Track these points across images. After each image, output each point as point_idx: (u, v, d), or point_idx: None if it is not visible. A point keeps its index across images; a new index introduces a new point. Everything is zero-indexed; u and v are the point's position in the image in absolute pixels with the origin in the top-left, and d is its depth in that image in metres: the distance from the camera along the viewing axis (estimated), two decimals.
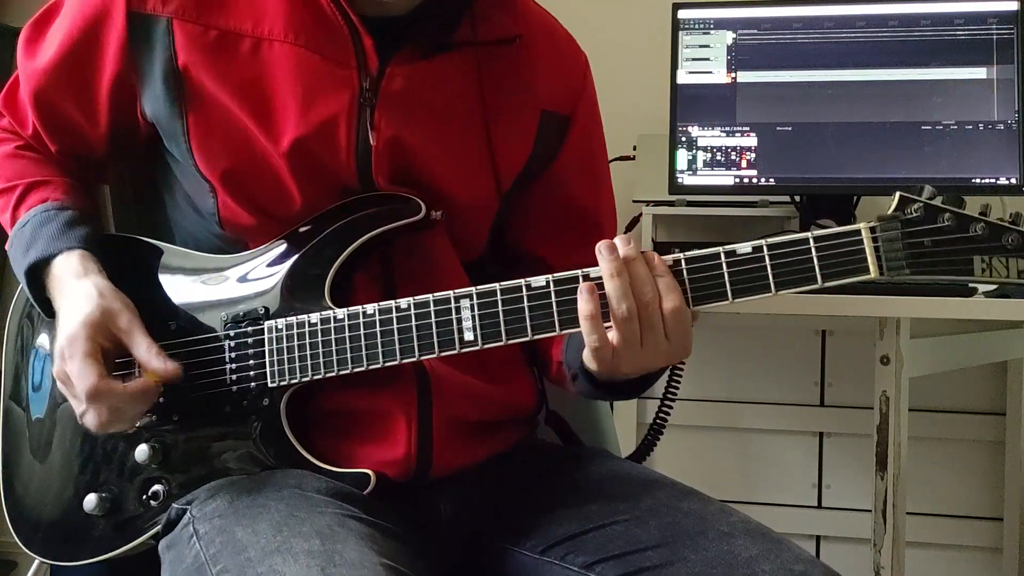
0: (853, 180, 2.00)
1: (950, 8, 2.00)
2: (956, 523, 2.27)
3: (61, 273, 1.11)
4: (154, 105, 1.13)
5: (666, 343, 0.99)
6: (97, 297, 1.08)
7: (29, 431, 1.21)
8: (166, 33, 1.11)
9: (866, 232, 0.95)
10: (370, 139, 1.11)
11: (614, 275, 0.98)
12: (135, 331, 1.08)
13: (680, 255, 1.00)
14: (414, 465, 1.10)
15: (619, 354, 1.00)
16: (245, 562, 0.94)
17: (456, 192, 1.16)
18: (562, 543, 1.09)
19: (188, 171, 1.14)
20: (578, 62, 1.28)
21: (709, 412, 2.32)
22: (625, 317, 0.98)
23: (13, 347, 1.25)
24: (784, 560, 1.00)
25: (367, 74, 1.11)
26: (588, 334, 1.00)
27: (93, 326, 1.06)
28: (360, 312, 1.07)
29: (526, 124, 1.21)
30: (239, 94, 1.10)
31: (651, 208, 2.23)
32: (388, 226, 1.11)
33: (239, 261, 1.15)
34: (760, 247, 0.98)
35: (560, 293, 1.02)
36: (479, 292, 1.04)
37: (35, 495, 1.19)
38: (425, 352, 1.05)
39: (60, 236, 1.13)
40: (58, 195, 1.17)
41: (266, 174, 1.11)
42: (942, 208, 0.94)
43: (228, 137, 1.11)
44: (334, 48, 1.11)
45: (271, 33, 1.11)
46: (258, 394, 1.10)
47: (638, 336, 0.99)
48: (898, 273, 0.95)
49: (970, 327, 2.00)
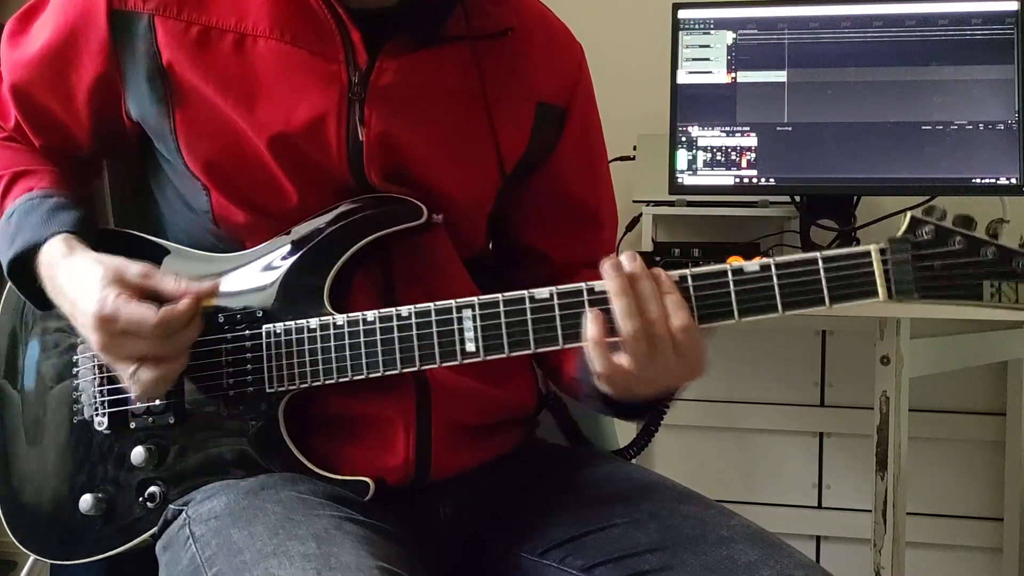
0: (853, 180, 2.00)
1: (951, 8, 2.00)
2: (956, 523, 2.27)
3: (50, 259, 1.09)
4: (140, 105, 1.13)
5: (677, 361, 0.98)
6: (97, 264, 1.05)
7: (24, 430, 1.21)
8: (148, 30, 1.10)
9: (876, 254, 0.94)
10: (360, 135, 1.10)
11: (619, 294, 0.97)
12: (152, 273, 1.05)
13: (687, 272, 0.99)
14: (413, 470, 1.10)
15: (630, 375, 0.98)
16: (240, 565, 0.93)
17: (451, 187, 1.15)
18: (561, 545, 1.09)
19: (179, 169, 1.14)
20: (573, 53, 1.27)
21: (709, 412, 2.32)
22: (632, 336, 0.97)
23: (7, 344, 1.24)
24: (784, 565, 1.00)
25: (356, 68, 1.10)
26: (596, 360, 0.99)
27: (114, 280, 1.03)
28: (360, 319, 1.06)
29: (522, 117, 1.20)
30: (224, 90, 1.09)
31: (651, 208, 2.23)
32: (387, 230, 1.10)
33: (236, 261, 1.14)
34: (768, 266, 0.96)
35: (564, 307, 1.00)
36: (481, 302, 1.03)
37: (31, 494, 1.19)
38: (426, 362, 1.04)
39: (45, 223, 1.11)
40: (44, 183, 1.16)
41: (257, 171, 1.10)
42: (953, 230, 0.93)
43: (216, 134, 1.10)
44: (321, 42, 1.10)
45: (255, 29, 1.10)
46: (256, 399, 1.09)
47: (647, 355, 0.97)
48: (907, 297, 0.93)
49: (970, 327, 1.99)
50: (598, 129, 1.30)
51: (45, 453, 1.18)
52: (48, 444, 1.18)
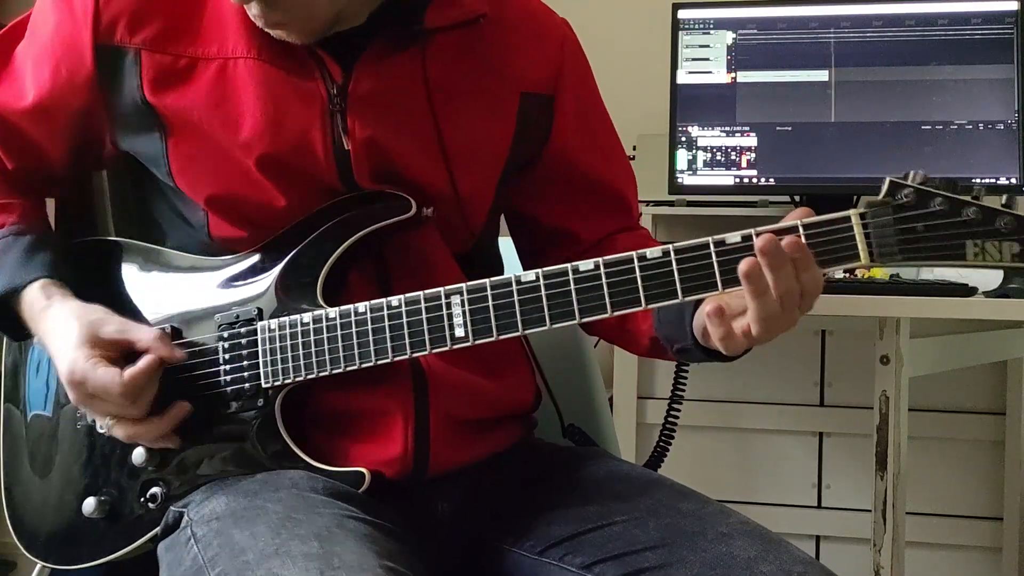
0: (853, 180, 2.00)
1: (951, 8, 2.00)
2: (956, 523, 2.26)
3: (31, 304, 1.12)
4: (129, 137, 1.14)
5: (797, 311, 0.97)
6: (74, 320, 1.08)
7: (28, 435, 1.21)
8: (134, 63, 1.11)
9: (856, 219, 0.94)
10: (345, 144, 1.11)
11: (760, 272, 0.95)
12: (127, 329, 1.08)
13: (669, 246, 0.99)
14: (411, 464, 1.10)
15: (758, 340, 0.98)
16: (243, 565, 0.94)
17: (440, 183, 1.15)
18: (560, 543, 1.09)
19: (176, 192, 1.15)
20: (554, 36, 1.25)
21: (709, 412, 2.32)
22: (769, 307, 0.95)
23: (11, 351, 1.25)
24: (783, 561, 1.00)
25: (332, 81, 1.10)
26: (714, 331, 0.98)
27: (88, 343, 1.06)
28: (352, 311, 1.07)
29: (505, 108, 1.19)
30: (211, 116, 1.10)
31: (651, 208, 2.23)
32: (378, 224, 1.10)
33: (232, 263, 1.15)
34: (749, 236, 0.96)
35: (550, 287, 1.01)
36: (469, 288, 1.03)
37: (36, 500, 1.20)
38: (417, 349, 1.05)
39: (22, 266, 1.13)
40: (13, 218, 1.18)
41: (251, 191, 1.11)
42: (933, 192, 0.93)
43: (208, 160, 1.12)
44: (295, 63, 1.10)
45: (235, 51, 1.10)
46: (253, 394, 1.10)
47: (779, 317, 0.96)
48: (890, 259, 0.93)
49: (970, 327, 1.99)
50: (596, 104, 1.29)
51: (50, 461, 1.19)
52: (53, 451, 1.19)
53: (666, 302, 0.99)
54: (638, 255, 0.99)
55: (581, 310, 1.01)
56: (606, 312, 1.00)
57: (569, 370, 1.47)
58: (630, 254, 0.99)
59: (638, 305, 0.99)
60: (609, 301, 1.00)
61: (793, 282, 0.94)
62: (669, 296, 0.99)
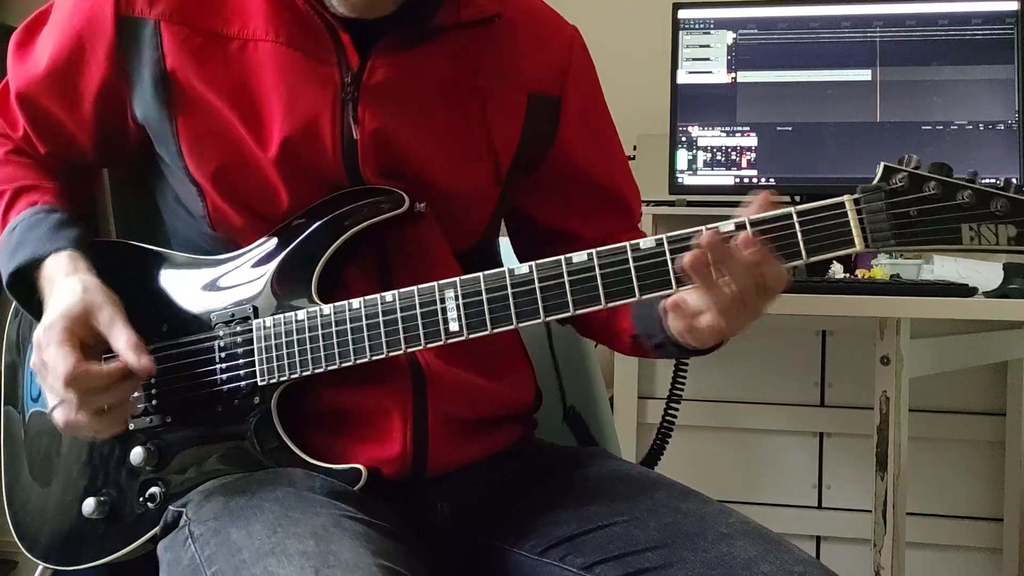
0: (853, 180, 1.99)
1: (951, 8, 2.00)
2: (956, 523, 2.26)
3: (51, 273, 1.10)
4: (144, 108, 1.13)
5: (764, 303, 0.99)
6: (81, 292, 1.06)
7: (27, 436, 1.21)
8: (153, 35, 1.11)
9: (850, 204, 0.94)
10: (354, 133, 1.11)
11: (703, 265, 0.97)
12: (116, 325, 1.06)
13: (662, 236, 0.99)
14: (410, 462, 1.10)
15: (723, 331, 1.01)
16: (240, 564, 0.94)
17: (447, 181, 1.15)
18: (561, 544, 1.09)
19: (177, 175, 1.15)
20: (562, 39, 1.26)
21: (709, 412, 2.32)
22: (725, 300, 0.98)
23: (10, 351, 1.24)
24: (784, 561, 1.00)
25: (348, 68, 1.11)
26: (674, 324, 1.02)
27: (71, 317, 1.05)
28: (346, 306, 1.07)
29: (514, 108, 1.20)
30: (227, 97, 1.10)
31: (651, 208, 2.23)
32: (371, 220, 1.10)
33: (228, 261, 1.15)
34: (743, 224, 0.96)
35: (543, 279, 1.01)
36: (463, 281, 1.03)
37: (36, 501, 1.19)
38: (411, 344, 1.05)
39: (50, 238, 1.12)
40: (48, 198, 1.17)
41: (255, 175, 1.11)
42: (927, 177, 0.93)
43: (217, 139, 1.11)
44: (314, 44, 1.11)
45: (255, 33, 1.11)
46: (249, 393, 1.10)
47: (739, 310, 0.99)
48: (884, 245, 0.93)
49: (970, 327, 2.00)
50: (601, 108, 1.30)
51: (50, 462, 1.18)
52: (52, 452, 1.18)
53: (660, 292, 0.99)
54: (631, 245, 0.99)
55: (575, 302, 1.01)
56: (600, 303, 1.00)
57: (569, 370, 1.46)
58: (623, 244, 1.00)
59: (632, 296, 1.00)
60: (603, 292, 1.00)
61: (746, 276, 0.96)
62: (664, 286, 0.99)
